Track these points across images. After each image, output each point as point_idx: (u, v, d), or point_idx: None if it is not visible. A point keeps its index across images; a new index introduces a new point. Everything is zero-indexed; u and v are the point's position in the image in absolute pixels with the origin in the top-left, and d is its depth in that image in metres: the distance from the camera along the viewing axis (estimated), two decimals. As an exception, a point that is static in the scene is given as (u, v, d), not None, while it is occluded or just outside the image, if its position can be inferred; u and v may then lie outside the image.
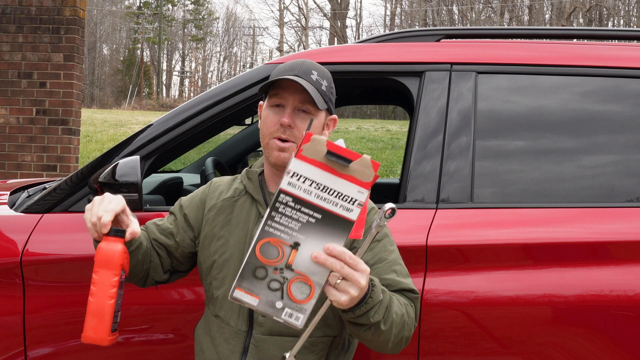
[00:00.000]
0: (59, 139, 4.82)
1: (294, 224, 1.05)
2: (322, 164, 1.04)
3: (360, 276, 1.07)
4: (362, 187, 1.04)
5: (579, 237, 1.59)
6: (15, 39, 4.82)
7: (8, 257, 1.63)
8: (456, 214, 1.62)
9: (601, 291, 1.54)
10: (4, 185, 2.33)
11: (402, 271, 1.31)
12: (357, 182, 1.04)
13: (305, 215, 1.05)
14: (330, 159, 1.04)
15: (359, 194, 1.04)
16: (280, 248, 1.05)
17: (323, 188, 1.04)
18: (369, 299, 1.12)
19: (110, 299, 1.21)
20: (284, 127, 1.31)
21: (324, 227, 1.05)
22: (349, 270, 1.06)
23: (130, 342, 1.64)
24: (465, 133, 1.67)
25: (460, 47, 1.81)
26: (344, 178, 1.04)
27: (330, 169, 1.04)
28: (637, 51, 1.79)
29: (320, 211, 1.04)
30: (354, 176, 1.04)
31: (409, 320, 1.24)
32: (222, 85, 1.79)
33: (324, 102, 1.32)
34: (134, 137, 1.75)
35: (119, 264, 1.22)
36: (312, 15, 35.39)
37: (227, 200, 1.40)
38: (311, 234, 1.05)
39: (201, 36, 38.70)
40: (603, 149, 1.70)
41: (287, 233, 1.05)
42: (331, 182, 1.04)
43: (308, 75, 1.31)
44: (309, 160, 1.05)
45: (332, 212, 1.04)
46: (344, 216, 1.05)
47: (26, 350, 1.62)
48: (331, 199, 1.04)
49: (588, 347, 1.54)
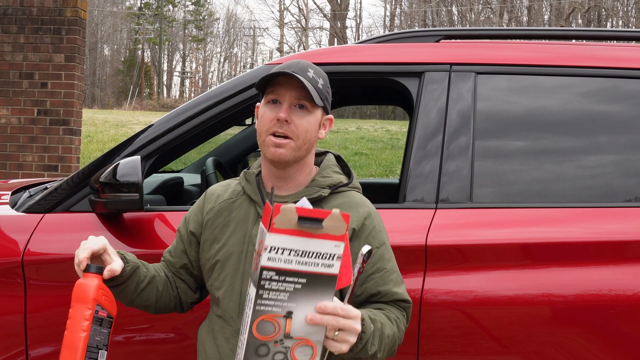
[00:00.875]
0: (60, 139, 4.83)
1: (282, 295, 1.08)
2: (296, 230, 1.07)
3: (354, 323, 1.12)
4: (337, 240, 1.07)
5: (577, 237, 1.60)
6: (16, 40, 4.83)
7: (9, 256, 1.64)
8: (455, 214, 1.62)
9: (600, 291, 1.55)
10: (5, 185, 2.34)
11: (398, 280, 1.32)
12: (332, 237, 1.07)
13: (291, 284, 1.07)
14: (303, 225, 1.06)
15: (336, 249, 1.07)
16: (275, 322, 1.08)
17: (302, 253, 1.07)
18: (362, 335, 1.17)
19: (82, 332, 1.22)
20: (281, 122, 1.30)
21: (311, 289, 1.08)
22: (344, 322, 1.10)
23: (130, 342, 1.65)
24: (465, 133, 1.67)
25: (460, 47, 1.82)
26: (319, 238, 1.07)
27: (305, 233, 1.07)
28: (635, 52, 1.79)
29: (304, 276, 1.07)
30: (328, 233, 1.07)
31: (400, 334, 1.28)
32: (223, 85, 1.80)
33: (320, 99, 1.32)
34: (135, 138, 1.76)
35: (92, 298, 1.23)
36: (312, 16, 35.37)
37: (225, 203, 1.40)
38: (301, 299, 1.08)
39: (202, 37, 38.71)
40: (602, 150, 1.71)
41: (278, 306, 1.08)
42: (308, 246, 1.07)
43: (304, 72, 1.31)
44: (283, 231, 1.07)
45: (315, 273, 1.07)
46: (327, 273, 1.08)
47: (27, 349, 1.63)
48: (311, 261, 1.07)
49: (587, 346, 1.55)
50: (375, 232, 1.32)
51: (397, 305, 1.30)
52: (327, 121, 1.38)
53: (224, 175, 2.42)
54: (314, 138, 1.34)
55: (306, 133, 1.31)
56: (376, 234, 1.32)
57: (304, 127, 1.31)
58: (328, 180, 1.34)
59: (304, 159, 1.34)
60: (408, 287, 1.55)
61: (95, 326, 1.24)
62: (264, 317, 1.08)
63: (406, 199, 1.64)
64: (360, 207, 1.33)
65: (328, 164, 1.38)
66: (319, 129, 1.35)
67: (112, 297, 1.29)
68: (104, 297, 1.26)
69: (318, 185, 1.34)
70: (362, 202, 1.35)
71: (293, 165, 1.34)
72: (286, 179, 1.35)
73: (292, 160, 1.32)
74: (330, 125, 1.39)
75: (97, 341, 1.24)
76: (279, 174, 1.35)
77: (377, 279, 1.29)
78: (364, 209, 1.33)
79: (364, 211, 1.32)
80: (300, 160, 1.34)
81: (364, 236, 1.30)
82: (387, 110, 21.01)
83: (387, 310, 1.29)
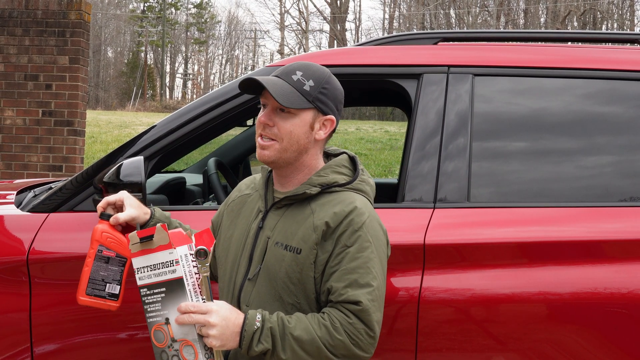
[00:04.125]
0: (64, 139, 4.87)
1: (158, 306, 1.30)
2: (142, 251, 1.32)
3: (207, 316, 1.23)
4: (168, 249, 1.29)
5: (573, 236, 1.61)
6: (21, 42, 4.87)
7: (15, 255, 1.66)
8: (453, 214, 1.64)
9: (595, 289, 1.56)
10: (10, 185, 2.36)
11: (357, 282, 1.25)
12: (164, 247, 1.30)
13: (158, 294, 1.30)
14: (142, 244, 1.32)
15: (170, 255, 1.29)
16: (162, 330, 1.29)
17: (153, 267, 1.30)
18: (244, 332, 1.22)
19: (85, 266, 1.47)
20: (264, 125, 1.33)
21: (171, 295, 1.28)
22: (197, 317, 1.24)
23: (134, 339, 1.67)
24: (462, 134, 1.69)
25: (458, 49, 1.84)
26: (156, 251, 1.31)
27: (147, 250, 1.31)
28: (631, 54, 1.81)
29: (162, 285, 1.29)
30: (159, 244, 1.30)
31: (333, 341, 1.23)
32: (224, 87, 1.82)
33: (303, 101, 1.30)
34: (138, 138, 1.78)
35: (94, 239, 1.48)
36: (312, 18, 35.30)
37: (242, 197, 1.45)
38: (168, 305, 1.29)
39: (204, 39, 38.76)
40: (597, 150, 1.72)
41: (158, 316, 1.30)
42: (152, 260, 1.31)
43: (288, 75, 1.31)
44: (137, 254, 1.33)
45: (166, 280, 1.29)
46: (174, 277, 1.28)
47: (32, 346, 1.64)
48: (160, 271, 1.30)
49: (582, 343, 1.56)
50: (350, 232, 1.27)
51: (347, 309, 1.25)
52: (327, 122, 1.36)
53: (225, 175, 2.44)
54: (305, 139, 1.33)
55: (290, 135, 1.31)
56: (351, 234, 1.27)
57: (287, 129, 1.31)
58: (321, 179, 1.34)
59: (298, 159, 1.35)
60: (407, 286, 1.58)
61: (99, 263, 1.47)
62: (155, 327, 1.30)
63: (405, 199, 1.66)
64: (343, 206, 1.30)
65: (331, 164, 1.38)
66: (312, 130, 1.34)
67: (120, 240, 1.48)
68: (109, 239, 1.47)
69: (309, 183, 1.34)
70: (348, 202, 1.31)
71: (287, 166, 1.35)
72: (285, 177, 1.38)
73: (279, 161, 1.33)
74: (332, 125, 1.37)
75: (103, 275, 1.47)
76: (278, 173, 1.38)
77: (334, 275, 1.27)
78: (347, 208, 1.29)
79: (346, 209, 1.29)
80: (294, 161, 1.34)
81: (337, 234, 1.28)
82: (386, 112, 21.02)
83: (327, 315, 1.26)
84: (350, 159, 1.41)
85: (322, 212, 1.30)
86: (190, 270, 1.29)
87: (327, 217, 1.29)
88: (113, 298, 1.48)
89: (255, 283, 1.33)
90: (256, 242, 1.35)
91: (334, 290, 1.27)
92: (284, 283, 1.30)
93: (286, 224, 1.33)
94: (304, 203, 1.34)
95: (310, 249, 1.29)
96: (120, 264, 1.48)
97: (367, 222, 1.30)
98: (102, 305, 1.47)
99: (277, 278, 1.30)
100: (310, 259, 1.29)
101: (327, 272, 1.29)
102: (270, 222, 1.35)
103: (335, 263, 1.28)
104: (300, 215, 1.33)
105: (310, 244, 1.29)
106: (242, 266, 1.36)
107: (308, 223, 1.30)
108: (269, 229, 1.34)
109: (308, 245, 1.29)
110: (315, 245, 1.29)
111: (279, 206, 1.36)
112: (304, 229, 1.30)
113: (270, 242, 1.33)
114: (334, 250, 1.28)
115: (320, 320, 1.25)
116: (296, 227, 1.31)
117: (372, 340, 1.26)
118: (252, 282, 1.33)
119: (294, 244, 1.30)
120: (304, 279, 1.29)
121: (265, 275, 1.32)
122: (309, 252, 1.29)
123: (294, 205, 1.35)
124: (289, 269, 1.30)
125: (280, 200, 1.36)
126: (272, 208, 1.37)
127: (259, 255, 1.34)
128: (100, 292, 1.46)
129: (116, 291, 1.47)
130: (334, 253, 1.28)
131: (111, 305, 1.48)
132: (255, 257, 1.34)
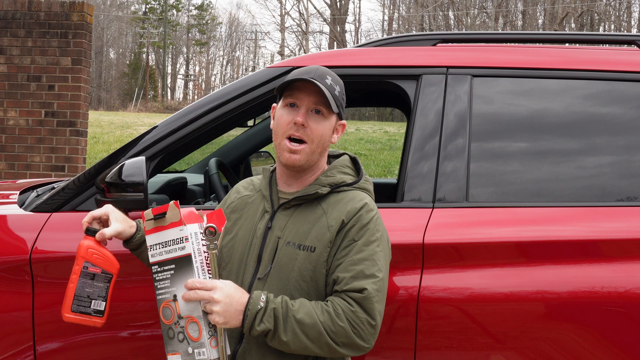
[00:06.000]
0: (67, 140, 4.89)
1: (167, 283, 1.32)
2: (155, 228, 1.34)
3: (212, 293, 1.25)
4: (178, 225, 1.32)
5: (571, 236, 1.62)
6: (24, 43, 4.90)
7: (18, 254, 1.67)
8: (452, 213, 1.65)
9: (592, 288, 1.57)
10: (13, 185, 2.37)
11: (363, 272, 1.28)
12: (174, 225, 1.32)
13: (167, 271, 1.32)
14: (155, 221, 1.34)
15: (181, 232, 1.31)
16: (170, 307, 1.31)
17: (163, 244, 1.33)
18: (247, 311, 1.24)
19: (70, 282, 1.44)
20: (297, 125, 1.35)
21: (179, 272, 1.31)
22: (202, 293, 1.26)
23: (135, 337, 1.68)
24: (461, 135, 1.70)
25: (456, 51, 1.85)
26: (167, 228, 1.33)
27: (160, 228, 1.34)
28: (628, 55, 1.82)
29: (172, 262, 1.32)
30: (171, 222, 1.33)
31: (334, 327, 1.25)
32: (225, 88, 1.83)
33: (337, 106, 1.37)
34: (140, 139, 1.79)
35: (80, 255, 1.45)
36: (313, 20, 35.37)
37: (243, 198, 1.47)
38: (176, 282, 1.31)
39: (205, 40, 38.81)
40: (595, 151, 1.73)
41: (167, 292, 1.32)
42: (165, 237, 1.33)
43: (323, 79, 1.35)
44: (150, 231, 1.35)
45: (176, 257, 1.31)
46: (182, 255, 1.31)
47: (35, 345, 1.66)
48: (170, 248, 1.32)
49: (580, 342, 1.57)
50: (359, 227, 1.33)
51: (351, 298, 1.27)
52: (340, 126, 1.43)
53: (226, 175, 2.46)
54: (327, 143, 1.39)
55: (320, 138, 1.36)
56: (360, 229, 1.33)
57: (319, 132, 1.35)
58: (330, 179, 1.39)
59: (318, 162, 1.39)
60: (406, 285, 1.59)
61: (85, 279, 1.44)
62: (163, 304, 1.32)
63: (404, 199, 1.67)
64: (354, 203, 1.36)
65: (336, 165, 1.42)
66: (332, 134, 1.40)
67: (106, 256, 1.46)
68: (94, 255, 1.44)
69: (319, 184, 1.38)
70: (358, 199, 1.37)
71: (308, 169, 1.39)
72: (296, 178, 1.41)
73: (306, 165, 1.37)
74: (343, 130, 1.43)
75: (89, 292, 1.44)
76: (293, 175, 1.40)
77: (340, 267, 1.31)
78: (358, 204, 1.35)
79: (357, 206, 1.35)
80: (314, 163, 1.39)
81: (347, 229, 1.33)
82: (386, 112, 21.04)
83: (331, 302, 1.28)
84: (351, 159, 1.46)
85: (335, 212, 1.35)
86: (199, 248, 1.31)
87: (342, 215, 1.34)
88: (98, 314, 1.45)
89: (266, 282, 1.34)
90: (265, 242, 1.37)
91: (340, 280, 1.30)
92: (296, 281, 1.32)
93: (297, 223, 1.36)
94: (313, 203, 1.37)
95: (324, 247, 1.33)
96: (106, 280, 1.45)
97: (374, 218, 1.36)
98: (88, 322, 1.45)
99: (290, 277, 1.33)
100: (323, 256, 1.32)
101: (334, 264, 1.32)
102: (279, 222, 1.37)
103: (342, 255, 1.32)
104: (311, 215, 1.36)
105: (325, 242, 1.33)
106: (250, 266, 1.38)
107: (322, 223, 1.34)
108: (278, 229, 1.37)
109: (322, 243, 1.33)
110: (329, 243, 1.33)
111: (287, 206, 1.38)
112: (318, 229, 1.34)
113: (282, 242, 1.35)
114: (342, 244, 1.32)
115: (323, 306, 1.28)
116: (309, 226, 1.35)
117: (373, 330, 1.28)
118: (262, 281, 1.35)
119: (308, 243, 1.33)
120: (316, 276, 1.32)
121: (276, 274, 1.34)
122: (322, 249, 1.33)
123: (303, 205, 1.38)
124: (302, 267, 1.32)
125: (289, 201, 1.38)
126: (279, 208, 1.39)
127: (269, 255, 1.36)
128: (86, 308, 1.44)
129: (102, 307, 1.44)
130: (342, 246, 1.32)
131: (97, 322, 1.45)
132: (265, 256, 1.36)
